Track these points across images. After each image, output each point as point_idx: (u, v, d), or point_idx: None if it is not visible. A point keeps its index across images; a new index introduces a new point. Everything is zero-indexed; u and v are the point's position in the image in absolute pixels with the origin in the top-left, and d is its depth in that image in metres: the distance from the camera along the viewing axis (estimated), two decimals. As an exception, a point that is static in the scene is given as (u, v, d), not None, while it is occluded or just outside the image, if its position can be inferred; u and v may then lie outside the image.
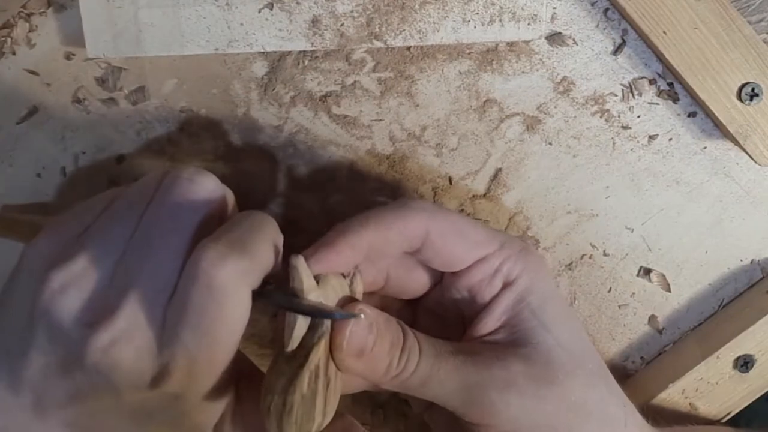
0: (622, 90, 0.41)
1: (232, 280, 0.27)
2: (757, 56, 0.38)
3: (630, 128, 0.42)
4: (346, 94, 0.40)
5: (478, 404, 0.32)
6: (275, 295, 0.29)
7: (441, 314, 0.36)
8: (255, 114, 0.41)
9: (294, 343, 0.29)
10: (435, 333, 0.34)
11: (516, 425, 0.32)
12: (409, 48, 0.40)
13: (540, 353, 0.32)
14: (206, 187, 0.30)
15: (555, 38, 0.40)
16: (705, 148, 0.42)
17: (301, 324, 0.29)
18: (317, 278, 0.31)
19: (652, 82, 0.41)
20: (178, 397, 0.29)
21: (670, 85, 0.41)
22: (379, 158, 0.42)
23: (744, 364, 0.43)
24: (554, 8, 0.40)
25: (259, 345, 0.44)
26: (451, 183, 0.42)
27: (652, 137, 0.42)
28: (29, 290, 0.28)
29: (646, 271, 0.44)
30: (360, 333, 0.31)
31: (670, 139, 0.42)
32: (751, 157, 0.40)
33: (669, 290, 0.45)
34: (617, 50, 0.40)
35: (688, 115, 0.42)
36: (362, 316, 0.31)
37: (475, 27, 0.37)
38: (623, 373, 0.46)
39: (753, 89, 0.38)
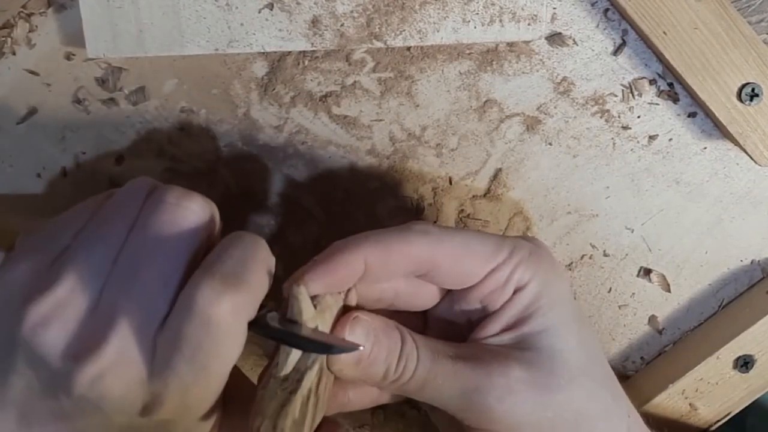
0: (622, 90, 0.41)
1: (229, 317, 0.26)
2: (757, 56, 0.38)
3: (630, 128, 0.42)
4: (346, 95, 0.40)
5: (476, 410, 0.31)
6: (271, 325, 0.29)
7: (452, 320, 0.36)
8: (255, 114, 0.41)
9: (288, 368, 0.29)
10: (445, 336, 0.34)
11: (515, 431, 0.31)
12: (409, 48, 0.40)
13: (544, 359, 0.32)
14: (194, 210, 0.28)
15: (555, 38, 0.40)
16: (705, 148, 0.42)
17: (296, 352, 0.29)
18: (314, 300, 0.30)
19: (652, 82, 0.41)
20: (170, 422, 0.28)
21: (670, 85, 0.41)
22: (379, 158, 0.42)
23: (744, 364, 0.43)
24: (554, 9, 0.40)
25: (258, 355, 0.44)
26: (451, 183, 0.42)
27: (652, 137, 0.42)
28: (7, 320, 0.27)
29: (646, 272, 0.44)
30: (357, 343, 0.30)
31: (670, 140, 0.42)
32: (751, 158, 0.40)
33: (669, 290, 0.45)
34: (617, 51, 0.40)
35: (688, 116, 0.42)
36: (361, 348, 0.30)
37: (475, 27, 0.37)
38: (623, 373, 0.46)
39: (753, 89, 0.38)
